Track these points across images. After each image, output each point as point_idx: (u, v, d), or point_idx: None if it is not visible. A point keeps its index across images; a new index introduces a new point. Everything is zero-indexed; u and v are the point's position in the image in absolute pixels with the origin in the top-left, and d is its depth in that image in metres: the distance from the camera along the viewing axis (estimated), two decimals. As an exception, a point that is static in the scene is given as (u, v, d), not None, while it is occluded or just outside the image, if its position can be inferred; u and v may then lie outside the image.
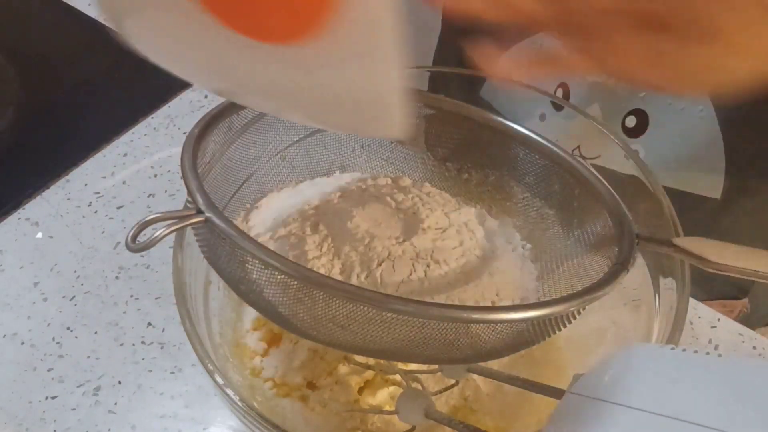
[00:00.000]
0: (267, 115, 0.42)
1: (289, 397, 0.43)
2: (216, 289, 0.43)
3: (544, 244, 0.43)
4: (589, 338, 0.43)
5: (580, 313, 0.33)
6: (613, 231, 0.37)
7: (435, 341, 0.30)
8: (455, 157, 0.47)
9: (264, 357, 0.44)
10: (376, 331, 0.30)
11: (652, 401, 0.22)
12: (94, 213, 0.58)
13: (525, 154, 0.43)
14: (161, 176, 0.60)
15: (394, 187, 0.45)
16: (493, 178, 0.46)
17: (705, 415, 0.21)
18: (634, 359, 0.25)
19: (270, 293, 0.32)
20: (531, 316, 0.30)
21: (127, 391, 0.47)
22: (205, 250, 0.35)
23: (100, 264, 0.54)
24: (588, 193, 0.40)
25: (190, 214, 0.31)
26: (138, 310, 0.52)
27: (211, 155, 0.38)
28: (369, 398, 0.43)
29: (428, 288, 0.37)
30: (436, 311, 0.29)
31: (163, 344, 0.50)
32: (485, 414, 0.43)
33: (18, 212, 0.57)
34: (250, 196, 0.43)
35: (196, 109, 0.66)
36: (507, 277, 0.40)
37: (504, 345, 0.32)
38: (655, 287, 0.39)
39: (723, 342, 0.50)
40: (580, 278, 0.39)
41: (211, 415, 0.46)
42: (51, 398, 0.47)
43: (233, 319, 0.46)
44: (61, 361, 0.49)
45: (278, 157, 0.44)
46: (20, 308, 0.52)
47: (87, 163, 0.61)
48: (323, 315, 0.31)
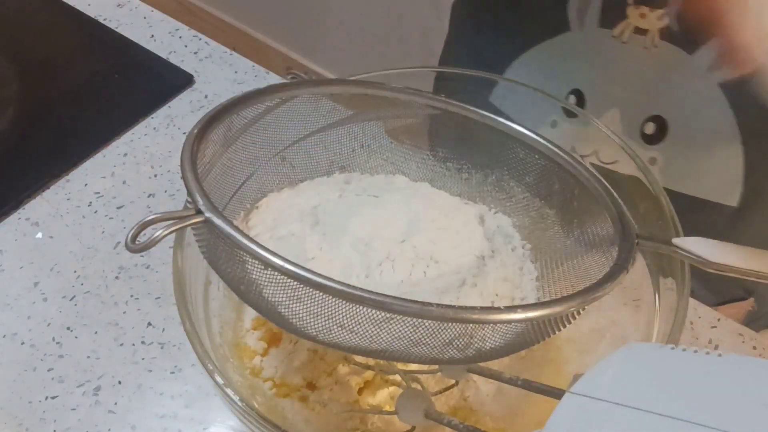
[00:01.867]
0: (267, 116, 0.42)
1: (288, 398, 0.43)
2: (216, 289, 0.43)
3: (544, 244, 0.43)
4: (589, 338, 0.43)
5: (579, 314, 0.33)
6: (613, 231, 0.37)
7: (435, 342, 0.30)
8: (455, 157, 0.47)
9: (264, 357, 0.44)
10: (376, 331, 0.30)
11: (651, 401, 0.22)
12: (94, 213, 0.58)
13: (525, 153, 0.43)
14: (161, 176, 0.60)
15: (394, 187, 0.45)
16: (493, 177, 0.46)
17: (705, 415, 0.21)
18: (634, 359, 0.25)
19: (270, 294, 0.32)
20: (531, 317, 0.30)
21: (127, 391, 0.47)
22: (204, 250, 0.35)
23: (100, 264, 0.54)
24: (588, 193, 0.40)
25: (190, 215, 0.31)
26: (138, 310, 0.52)
27: (211, 155, 0.38)
28: (369, 398, 0.43)
29: (428, 288, 0.37)
30: (436, 312, 0.29)
31: (163, 344, 0.50)
32: (485, 414, 0.43)
33: (18, 212, 0.57)
34: (250, 196, 0.43)
35: (196, 109, 0.66)
36: (507, 277, 0.40)
37: (504, 345, 0.32)
38: (655, 287, 0.39)
39: (723, 342, 0.51)
40: (580, 278, 0.39)
41: (211, 415, 0.46)
42: (51, 398, 0.47)
43: (233, 319, 0.46)
44: (61, 361, 0.49)
45: (278, 157, 0.44)
46: (20, 308, 0.52)
47: (87, 163, 0.61)
48: (323, 316, 0.31)
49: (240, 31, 1.74)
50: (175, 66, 0.69)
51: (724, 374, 0.23)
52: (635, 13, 0.47)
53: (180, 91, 0.67)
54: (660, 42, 0.48)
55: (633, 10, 0.47)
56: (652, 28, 0.47)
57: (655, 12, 0.46)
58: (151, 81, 0.67)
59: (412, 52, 1.43)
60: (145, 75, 0.68)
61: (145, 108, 0.65)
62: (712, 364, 0.23)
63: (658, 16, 0.46)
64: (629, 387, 0.24)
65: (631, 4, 0.47)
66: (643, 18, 0.47)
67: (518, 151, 0.44)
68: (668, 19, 0.46)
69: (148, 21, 0.73)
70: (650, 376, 0.24)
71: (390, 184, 0.46)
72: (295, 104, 0.43)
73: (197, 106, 0.66)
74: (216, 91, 0.67)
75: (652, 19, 0.47)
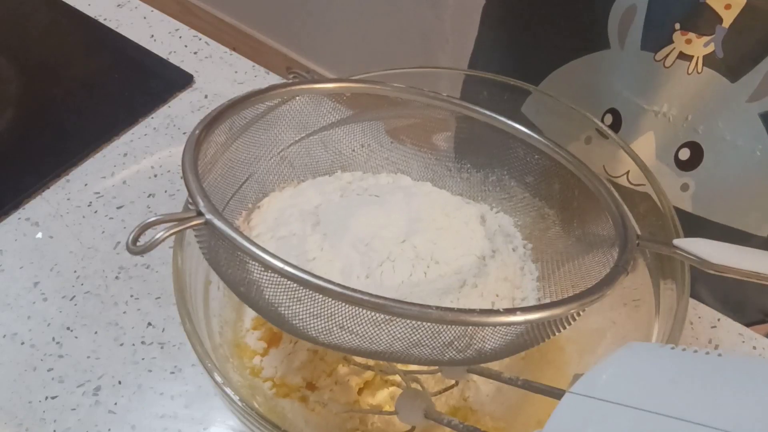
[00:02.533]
0: (267, 115, 0.42)
1: (288, 398, 0.43)
2: (216, 289, 0.43)
3: (545, 244, 0.43)
4: (589, 338, 0.43)
5: (579, 315, 0.33)
6: (613, 231, 0.37)
7: (435, 343, 0.30)
8: (456, 156, 0.47)
9: (264, 357, 0.44)
10: (376, 333, 0.30)
11: (651, 400, 0.22)
12: (94, 213, 0.58)
13: (525, 153, 0.43)
14: (161, 176, 0.60)
15: (395, 187, 0.45)
16: (494, 177, 0.46)
17: (705, 415, 0.21)
18: (634, 359, 0.25)
19: (270, 295, 0.32)
20: (531, 319, 0.30)
21: (127, 391, 0.47)
22: (205, 251, 0.35)
23: (100, 264, 0.54)
24: (588, 194, 0.40)
25: (191, 217, 0.31)
26: (138, 310, 0.52)
27: (212, 155, 0.38)
28: (369, 398, 0.43)
29: (428, 288, 0.37)
30: (436, 314, 0.29)
31: (163, 344, 0.50)
32: (485, 414, 0.43)
33: (18, 212, 0.57)
34: (251, 195, 0.43)
35: (196, 109, 0.66)
36: (507, 277, 0.40)
37: (504, 347, 0.32)
38: (656, 288, 0.39)
39: (723, 342, 0.51)
40: (581, 278, 0.39)
41: (211, 415, 0.46)
42: (51, 398, 0.47)
43: (233, 319, 0.46)
44: (61, 361, 0.49)
45: (279, 157, 0.44)
46: (20, 308, 0.52)
47: (87, 163, 0.61)
48: (323, 317, 0.31)
49: (240, 31, 1.74)
50: (175, 66, 0.69)
51: (724, 374, 0.23)
52: (681, 39, 0.47)
53: (180, 91, 0.67)
54: (703, 68, 0.47)
55: (679, 36, 0.47)
56: (696, 54, 0.47)
57: (701, 39, 0.46)
58: (151, 81, 0.67)
59: (412, 52, 1.43)
60: (145, 75, 0.68)
61: (145, 108, 0.65)
62: (712, 364, 0.23)
63: (704, 42, 0.46)
64: (629, 387, 0.24)
65: (678, 29, 0.47)
66: (689, 44, 0.47)
67: (519, 151, 0.44)
68: (714, 46, 0.46)
69: (148, 21, 0.73)
70: (650, 376, 0.24)
71: (391, 184, 0.46)
72: (296, 104, 0.43)
73: (197, 106, 0.66)
74: (216, 91, 0.67)
75: (698, 45, 0.46)
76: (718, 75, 0.47)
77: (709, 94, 0.48)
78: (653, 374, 0.24)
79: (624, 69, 0.51)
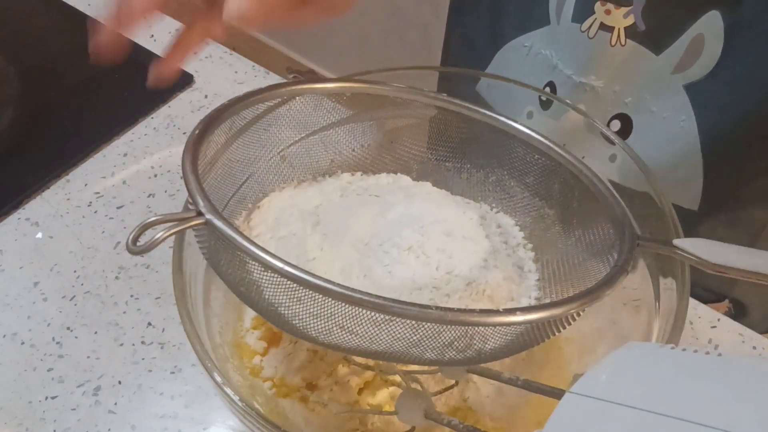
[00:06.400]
0: (267, 115, 0.42)
1: (288, 398, 0.43)
2: (216, 288, 0.43)
3: (545, 244, 0.43)
4: (589, 338, 0.43)
5: (579, 315, 0.33)
6: (613, 231, 0.37)
7: (435, 344, 0.30)
8: (456, 156, 0.47)
9: (264, 356, 0.44)
10: (376, 333, 0.30)
11: (651, 400, 0.22)
12: (94, 213, 0.58)
13: (525, 153, 0.43)
14: (161, 176, 0.60)
15: (395, 187, 0.45)
16: (494, 177, 0.46)
17: (705, 415, 0.21)
18: (634, 358, 0.25)
19: (270, 295, 0.32)
20: (531, 319, 0.30)
21: (127, 391, 0.47)
22: (205, 251, 0.35)
23: (100, 264, 0.54)
24: (588, 193, 0.40)
25: (191, 217, 0.31)
26: (138, 310, 0.52)
27: (212, 155, 0.38)
28: (369, 399, 0.43)
29: (428, 288, 0.37)
30: (435, 314, 0.29)
31: (163, 344, 0.50)
32: (485, 414, 0.43)
33: (18, 212, 0.57)
34: (251, 195, 0.43)
35: (196, 109, 0.66)
36: (508, 276, 0.40)
37: (504, 347, 0.32)
38: (655, 288, 0.39)
39: (723, 342, 0.51)
40: (581, 278, 0.39)
41: (211, 415, 0.46)
42: (51, 398, 0.47)
43: (233, 319, 0.46)
44: (61, 361, 0.49)
45: (279, 157, 0.44)
46: (20, 308, 0.52)
47: (87, 163, 0.61)
48: (323, 317, 0.31)
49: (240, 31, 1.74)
50: (175, 66, 0.69)
51: (724, 374, 0.23)
52: (601, 9, 0.48)
53: (180, 91, 0.67)
54: (627, 41, 0.48)
55: (599, 6, 0.48)
56: (617, 26, 0.48)
57: (620, 10, 0.47)
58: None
59: (412, 52, 1.43)
60: (145, 75, 0.68)
61: (145, 108, 0.65)
62: (712, 364, 0.23)
63: (623, 13, 0.47)
64: (629, 387, 0.24)
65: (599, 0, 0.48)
66: (609, 15, 0.48)
67: (519, 151, 0.44)
68: (634, 17, 0.47)
69: (148, 21, 0.73)
70: (650, 376, 0.24)
71: (391, 184, 0.46)
72: (296, 104, 0.43)
73: (197, 106, 0.66)
74: (216, 91, 0.67)
75: (617, 16, 0.47)
76: (641, 47, 0.48)
77: (634, 67, 0.49)
78: (653, 374, 0.24)
79: (559, 43, 0.52)
